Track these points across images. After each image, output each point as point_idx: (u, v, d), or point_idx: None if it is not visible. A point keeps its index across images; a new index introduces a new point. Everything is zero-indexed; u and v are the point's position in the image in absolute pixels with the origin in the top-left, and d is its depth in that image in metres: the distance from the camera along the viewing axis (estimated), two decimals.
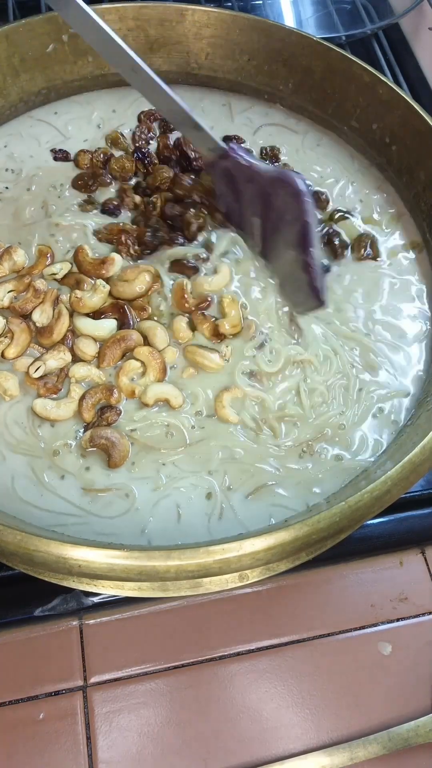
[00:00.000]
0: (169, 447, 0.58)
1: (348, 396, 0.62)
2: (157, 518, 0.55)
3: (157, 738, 0.56)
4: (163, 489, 0.56)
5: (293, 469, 0.58)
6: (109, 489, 0.56)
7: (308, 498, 0.57)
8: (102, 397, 0.59)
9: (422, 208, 0.74)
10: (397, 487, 0.50)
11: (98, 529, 0.54)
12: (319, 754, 0.55)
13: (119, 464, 0.57)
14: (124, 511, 0.55)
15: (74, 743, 0.56)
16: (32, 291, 0.63)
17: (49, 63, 0.77)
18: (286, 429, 0.60)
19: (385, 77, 0.74)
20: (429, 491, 0.67)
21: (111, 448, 0.56)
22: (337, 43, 0.82)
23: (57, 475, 0.56)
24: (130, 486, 0.56)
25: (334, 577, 0.64)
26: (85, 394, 0.59)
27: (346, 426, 0.61)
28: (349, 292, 0.69)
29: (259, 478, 0.57)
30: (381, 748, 0.56)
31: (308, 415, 0.60)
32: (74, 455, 0.57)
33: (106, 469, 0.57)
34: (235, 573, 0.49)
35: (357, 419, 0.61)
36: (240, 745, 0.56)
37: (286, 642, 0.61)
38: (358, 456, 0.59)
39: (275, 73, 0.81)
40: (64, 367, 0.61)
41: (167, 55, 0.82)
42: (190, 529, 0.55)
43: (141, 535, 0.54)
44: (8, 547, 0.45)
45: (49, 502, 0.55)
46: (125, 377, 0.60)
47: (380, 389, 0.63)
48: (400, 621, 0.63)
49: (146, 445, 0.58)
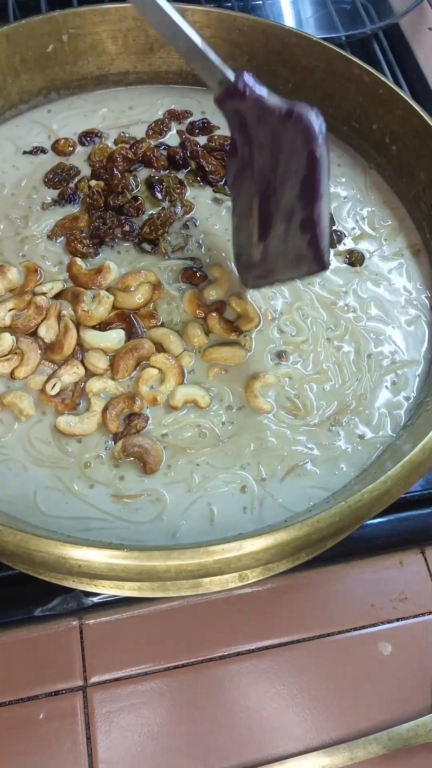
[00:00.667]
0: (203, 446, 0.58)
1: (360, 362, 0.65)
2: (189, 521, 0.55)
3: (157, 738, 0.56)
4: (196, 490, 0.56)
5: (324, 446, 0.59)
6: (139, 495, 0.56)
7: (340, 476, 0.58)
8: (125, 406, 0.59)
9: (422, 209, 0.74)
10: (397, 487, 0.50)
11: (125, 536, 0.54)
12: (319, 754, 0.55)
13: (155, 469, 0.57)
14: (155, 516, 0.55)
15: (74, 743, 0.56)
16: (34, 308, 0.63)
17: (49, 63, 0.77)
18: (316, 401, 0.62)
19: (385, 77, 0.74)
20: (429, 491, 0.67)
21: (145, 455, 0.57)
22: (337, 43, 0.82)
23: (86, 485, 0.56)
24: (160, 491, 0.56)
25: (334, 577, 0.64)
26: (107, 406, 0.59)
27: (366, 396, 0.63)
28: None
29: (291, 460, 0.58)
30: (381, 748, 0.56)
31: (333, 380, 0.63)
32: (107, 466, 0.57)
33: (141, 476, 0.57)
34: (235, 573, 0.49)
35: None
36: (240, 745, 0.56)
37: (286, 642, 0.61)
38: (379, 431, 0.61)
39: (275, 73, 0.81)
40: (78, 381, 0.60)
41: (167, 55, 0.82)
42: (227, 525, 0.55)
43: (172, 538, 0.54)
44: (8, 547, 0.45)
45: (76, 509, 0.55)
46: (144, 386, 0.60)
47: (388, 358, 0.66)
48: (400, 621, 0.63)
49: (180, 447, 0.58)
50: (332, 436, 0.60)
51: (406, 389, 0.64)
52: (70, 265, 0.66)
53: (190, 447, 0.58)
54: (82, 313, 0.62)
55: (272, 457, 0.58)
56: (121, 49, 0.80)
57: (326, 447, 0.60)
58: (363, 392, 0.63)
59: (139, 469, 0.57)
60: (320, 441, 0.60)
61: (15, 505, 0.55)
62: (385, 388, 0.64)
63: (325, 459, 0.59)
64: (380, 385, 0.64)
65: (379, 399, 0.63)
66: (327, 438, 0.60)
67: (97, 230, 0.68)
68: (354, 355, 0.65)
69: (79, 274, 0.65)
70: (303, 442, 0.59)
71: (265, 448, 0.59)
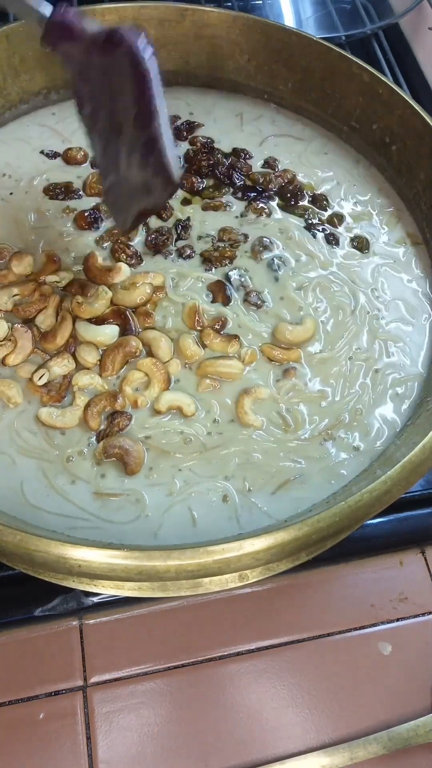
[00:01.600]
0: (186, 452, 0.58)
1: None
2: (169, 524, 0.55)
3: (157, 738, 0.56)
4: (177, 494, 0.56)
5: (315, 458, 0.59)
6: (120, 494, 0.56)
7: (332, 485, 0.58)
8: (107, 404, 0.59)
9: (422, 209, 0.74)
10: (397, 487, 0.50)
11: (109, 534, 0.54)
12: (319, 754, 0.55)
13: (136, 471, 0.56)
14: (135, 517, 0.55)
15: (74, 743, 0.56)
16: (38, 295, 0.63)
17: (49, 63, 0.77)
18: (309, 415, 0.61)
19: (385, 77, 0.74)
20: (429, 491, 0.67)
21: (126, 456, 0.56)
22: (337, 43, 0.82)
23: (68, 481, 0.56)
24: (141, 492, 0.56)
25: (334, 577, 0.64)
26: (89, 402, 0.59)
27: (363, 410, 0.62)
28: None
29: (279, 475, 0.58)
30: (381, 748, 0.56)
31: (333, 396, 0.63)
32: (89, 462, 0.57)
33: (122, 476, 0.57)
34: (235, 573, 0.49)
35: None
36: (240, 745, 0.56)
37: (286, 642, 0.61)
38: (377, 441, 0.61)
39: (275, 73, 0.81)
40: (68, 374, 0.61)
41: (167, 55, 0.81)
42: (209, 529, 0.55)
43: (154, 539, 0.54)
44: (8, 547, 0.45)
45: (57, 505, 0.55)
46: (128, 387, 0.60)
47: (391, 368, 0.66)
48: (400, 621, 0.63)
49: (163, 450, 0.58)
50: (323, 450, 0.59)
51: (410, 397, 0.64)
52: (87, 257, 0.66)
53: (174, 452, 0.58)
54: (76, 304, 0.63)
55: (259, 471, 0.58)
56: None
57: (317, 460, 0.59)
58: (361, 407, 0.62)
59: (121, 468, 0.57)
60: (310, 455, 0.59)
61: (3, 497, 0.55)
62: (389, 400, 0.63)
63: (315, 472, 0.58)
64: (383, 399, 0.63)
65: (380, 411, 0.62)
66: (317, 452, 0.59)
67: (154, 240, 0.69)
68: (364, 370, 0.64)
69: (93, 267, 0.66)
70: (291, 457, 0.59)
71: (252, 463, 0.58)
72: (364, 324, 0.67)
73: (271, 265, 0.69)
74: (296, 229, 0.72)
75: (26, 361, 0.61)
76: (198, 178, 0.75)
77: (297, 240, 0.72)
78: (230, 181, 0.75)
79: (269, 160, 0.78)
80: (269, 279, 0.69)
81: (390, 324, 0.68)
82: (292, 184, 0.76)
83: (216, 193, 0.75)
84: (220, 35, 0.80)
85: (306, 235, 0.72)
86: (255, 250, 0.70)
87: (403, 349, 0.66)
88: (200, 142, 0.78)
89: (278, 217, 0.74)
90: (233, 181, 0.75)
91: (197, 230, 0.72)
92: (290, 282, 0.68)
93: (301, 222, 0.73)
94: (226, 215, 0.73)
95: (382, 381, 0.64)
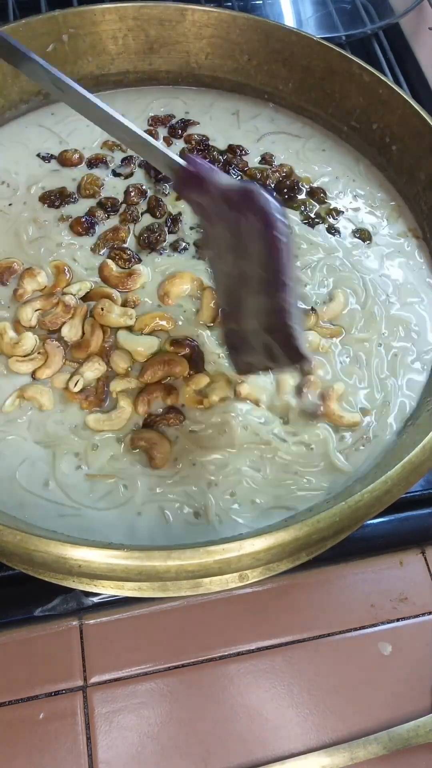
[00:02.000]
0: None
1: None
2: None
3: (157, 738, 0.56)
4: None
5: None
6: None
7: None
8: (159, 395, 0.60)
9: (422, 209, 0.74)
10: (397, 487, 0.50)
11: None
12: (319, 754, 0.55)
13: (161, 465, 0.57)
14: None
15: (74, 743, 0.56)
16: (62, 306, 0.63)
17: (49, 63, 0.77)
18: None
19: (385, 77, 0.74)
20: (429, 491, 0.67)
21: (151, 450, 0.57)
22: (337, 43, 0.82)
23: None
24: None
25: (334, 577, 0.64)
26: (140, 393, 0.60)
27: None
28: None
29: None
30: (381, 748, 0.56)
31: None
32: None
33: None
34: (235, 573, 0.49)
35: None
36: (240, 745, 0.56)
37: (286, 642, 0.61)
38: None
39: (275, 73, 0.81)
40: (100, 377, 0.61)
41: (167, 55, 0.82)
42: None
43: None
44: (8, 547, 0.45)
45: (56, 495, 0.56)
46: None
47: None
48: (400, 621, 0.63)
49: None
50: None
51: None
52: (101, 268, 0.67)
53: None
54: (98, 311, 0.63)
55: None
56: (121, 49, 0.80)
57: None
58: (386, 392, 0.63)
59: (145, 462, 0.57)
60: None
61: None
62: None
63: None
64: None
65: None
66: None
67: (147, 239, 0.70)
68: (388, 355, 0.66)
69: (111, 277, 0.66)
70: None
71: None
72: (378, 309, 0.68)
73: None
74: (295, 224, 0.73)
75: (59, 372, 0.61)
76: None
77: (297, 233, 0.72)
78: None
79: (266, 155, 0.78)
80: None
81: (401, 309, 0.69)
82: (289, 179, 0.76)
83: None
84: (220, 35, 0.80)
85: (305, 228, 0.73)
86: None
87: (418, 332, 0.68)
88: (195, 140, 0.79)
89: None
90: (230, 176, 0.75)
91: (189, 222, 0.72)
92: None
93: (297, 216, 0.74)
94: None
95: (402, 365, 0.65)
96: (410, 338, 0.67)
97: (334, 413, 0.60)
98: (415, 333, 0.67)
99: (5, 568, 0.59)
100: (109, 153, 0.77)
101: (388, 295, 0.69)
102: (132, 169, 0.76)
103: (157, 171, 0.74)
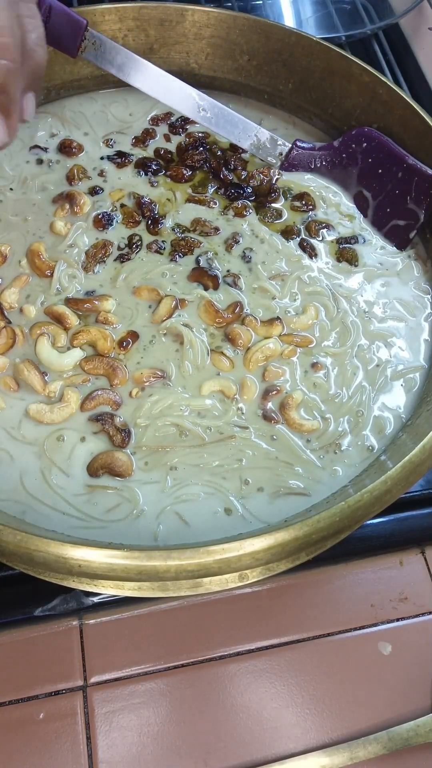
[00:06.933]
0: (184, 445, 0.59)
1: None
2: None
3: (157, 738, 0.56)
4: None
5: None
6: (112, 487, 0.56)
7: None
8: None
9: None
10: (397, 487, 0.50)
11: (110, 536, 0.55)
12: (319, 754, 0.55)
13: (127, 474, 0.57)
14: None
15: (74, 743, 0.56)
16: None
17: (49, 63, 0.77)
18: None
19: (385, 77, 0.74)
20: (429, 491, 0.67)
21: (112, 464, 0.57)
22: (337, 43, 0.82)
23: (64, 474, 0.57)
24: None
25: (334, 577, 0.64)
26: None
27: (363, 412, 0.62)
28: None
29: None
30: (381, 748, 0.56)
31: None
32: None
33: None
34: (235, 573, 0.49)
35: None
36: (240, 745, 0.56)
37: (286, 642, 0.61)
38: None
39: (275, 73, 0.81)
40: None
41: (167, 55, 0.82)
42: (202, 529, 0.55)
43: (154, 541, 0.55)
44: (8, 547, 0.45)
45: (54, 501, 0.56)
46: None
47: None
48: (400, 621, 0.63)
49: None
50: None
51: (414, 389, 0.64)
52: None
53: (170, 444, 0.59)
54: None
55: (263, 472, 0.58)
56: None
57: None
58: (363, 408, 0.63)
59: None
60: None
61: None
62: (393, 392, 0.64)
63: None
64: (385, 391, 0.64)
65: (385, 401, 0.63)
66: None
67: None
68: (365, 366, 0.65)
69: (74, 300, 0.66)
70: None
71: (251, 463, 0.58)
72: (358, 322, 0.68)
73: (243, 257, 0.70)
74: (272, 232, 0.73)
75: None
76: (186, 169, 0.76)
77: (269, 241, 0.72)
78: (215, 176, 0.76)
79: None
80: (243, 268, 0.70)
81: (384, 322, 0.68)
82: (276, 182, 0.76)
83: (202, 189, 0.76)
84: (220, 35, 0.80)
85: (286, 236, 0.73)
86: (228, 244, 0.71)
87: (402, 345, 0.67)
88: (194, 137, 0.79)
89: (256, 217, 0.74)
90: (220, 177, 0.76)
91: (173, 221, 0.73)
92: (262, 272, 0.69)
93: (282, 222, 0.74)
94: (208, 211, 0.74)
95: (382, 375, 0.64)
96: (388, 352, 0.66)
97: (294, 421, 0.60)
98: (393, 347, 0.67)
99: (5, 568, 0.59)
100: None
101: (369, 306, 0.69)
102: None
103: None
